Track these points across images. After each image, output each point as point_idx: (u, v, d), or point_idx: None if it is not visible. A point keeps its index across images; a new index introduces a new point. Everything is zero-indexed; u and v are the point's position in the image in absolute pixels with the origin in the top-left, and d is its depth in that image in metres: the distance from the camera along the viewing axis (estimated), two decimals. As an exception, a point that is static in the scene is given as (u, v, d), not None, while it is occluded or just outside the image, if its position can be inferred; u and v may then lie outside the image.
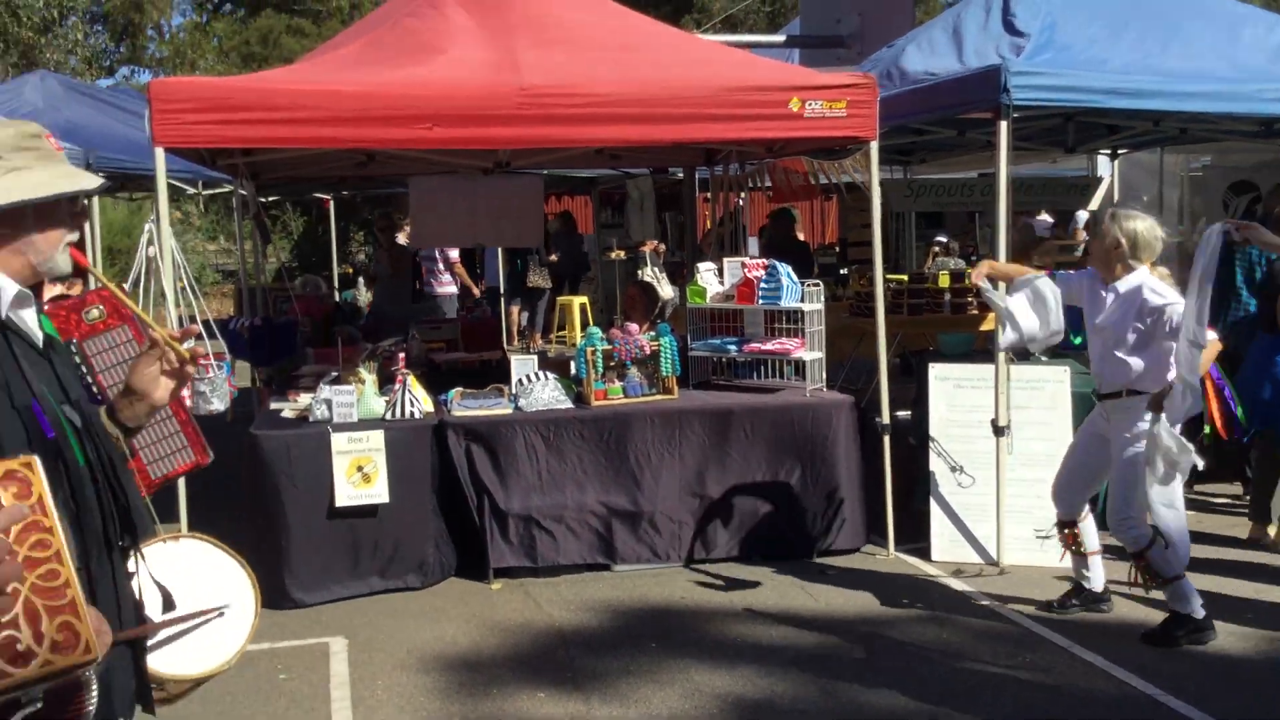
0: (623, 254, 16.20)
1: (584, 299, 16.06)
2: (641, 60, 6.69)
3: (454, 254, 13.92)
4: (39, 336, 2.34)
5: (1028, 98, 6.25)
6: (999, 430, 6.40)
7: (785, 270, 6.95)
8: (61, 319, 3.65)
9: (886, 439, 6.71)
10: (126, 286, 7.52)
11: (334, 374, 6.58)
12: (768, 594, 6.15)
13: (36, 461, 1.55)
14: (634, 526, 6.48)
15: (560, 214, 16.53)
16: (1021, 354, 6.63)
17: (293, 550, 5.99)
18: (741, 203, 10.80)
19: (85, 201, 2.43)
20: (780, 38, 13.97)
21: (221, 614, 2.79)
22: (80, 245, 2.38)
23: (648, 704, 4.83)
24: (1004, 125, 6.24)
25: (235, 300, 13.75)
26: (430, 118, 6.13)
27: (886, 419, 6.73)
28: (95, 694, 1.74)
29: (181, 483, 5.72)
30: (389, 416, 6.27)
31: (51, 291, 4.56)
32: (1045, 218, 13.72)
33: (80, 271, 2.62)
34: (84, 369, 3.96)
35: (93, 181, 2.34)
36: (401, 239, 11.81)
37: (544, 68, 6.37)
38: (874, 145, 6.72)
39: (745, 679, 5.04)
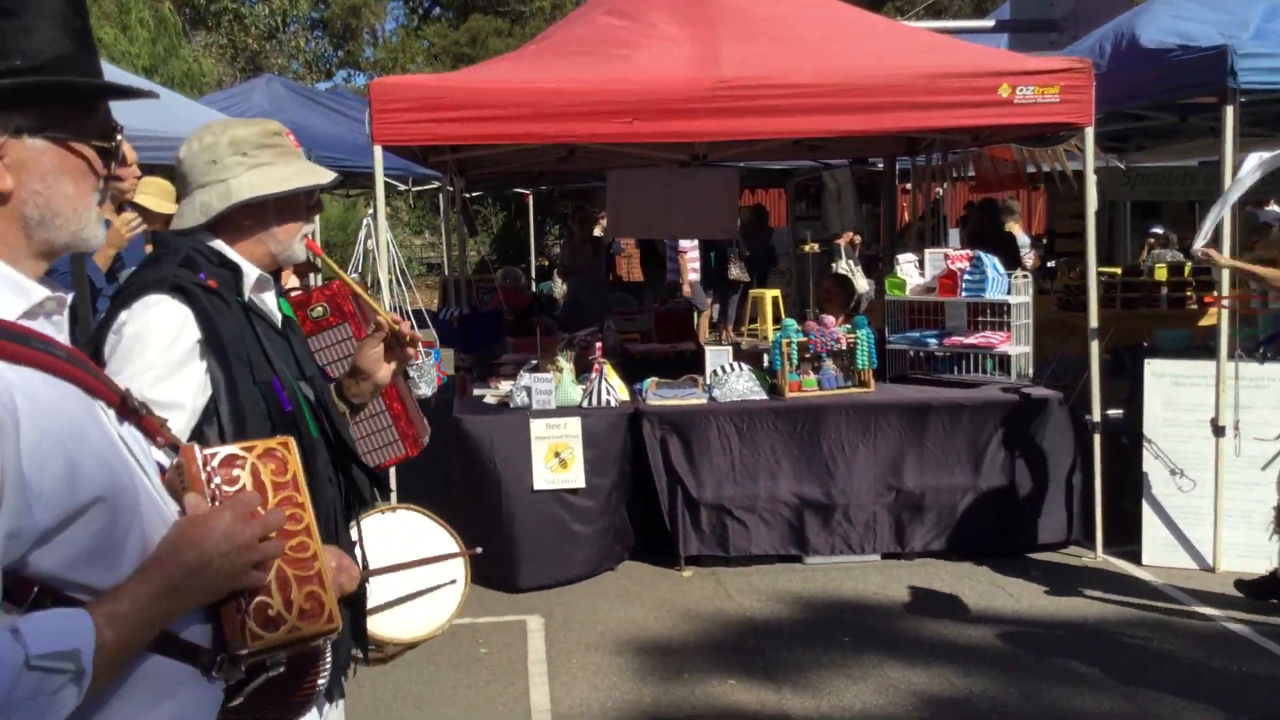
0: (816, 247, 16.04)
1: (776, 292, 15.99)
2: (844, 49, 6.62)
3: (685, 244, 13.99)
4: (278, 317, 2.50)
5: (1257, 81, 5.88)
6: (1219, 430, 6.05)
7: (991, 262, 6.75)
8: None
9: (1097, 437, 6.44)
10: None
11: (533, 362, 6.77)
12: (966, 591, 6.00)
13: (293, 443, 1.66)
14: (826, 518, 6.43)
15: (752, 207, 16.49)
16: (1249, 351, 6.24)
17: (494, 530, 6.20)
18: (942, 193, 10.54)
19: (319, 195, 2.57)
20: (989, 22, 13.55)
21: (454, 581, 2.90)
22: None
23: (840, 697, 4.79)
24: (1230, 110, 5.89)
25: (440, 292, 14.29)
26: (631, 112, 6.23)
27: (1097, 416, 6.45)
28: (329, 663, 1.84)
29: (393, 468, 5.98)
30: (586, 404, 6.41)
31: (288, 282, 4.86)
32: (1275, 207, 12.85)
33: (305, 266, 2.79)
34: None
35: (327, 176, 2.47)
36: (597, 231, 12.03)
37: (744, 60, 6.38)
38: (1089, 131, 6.45)
39: (942, 677, 4.94)
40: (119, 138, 1.50)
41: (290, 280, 4.41)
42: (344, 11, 33.63)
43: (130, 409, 1.59)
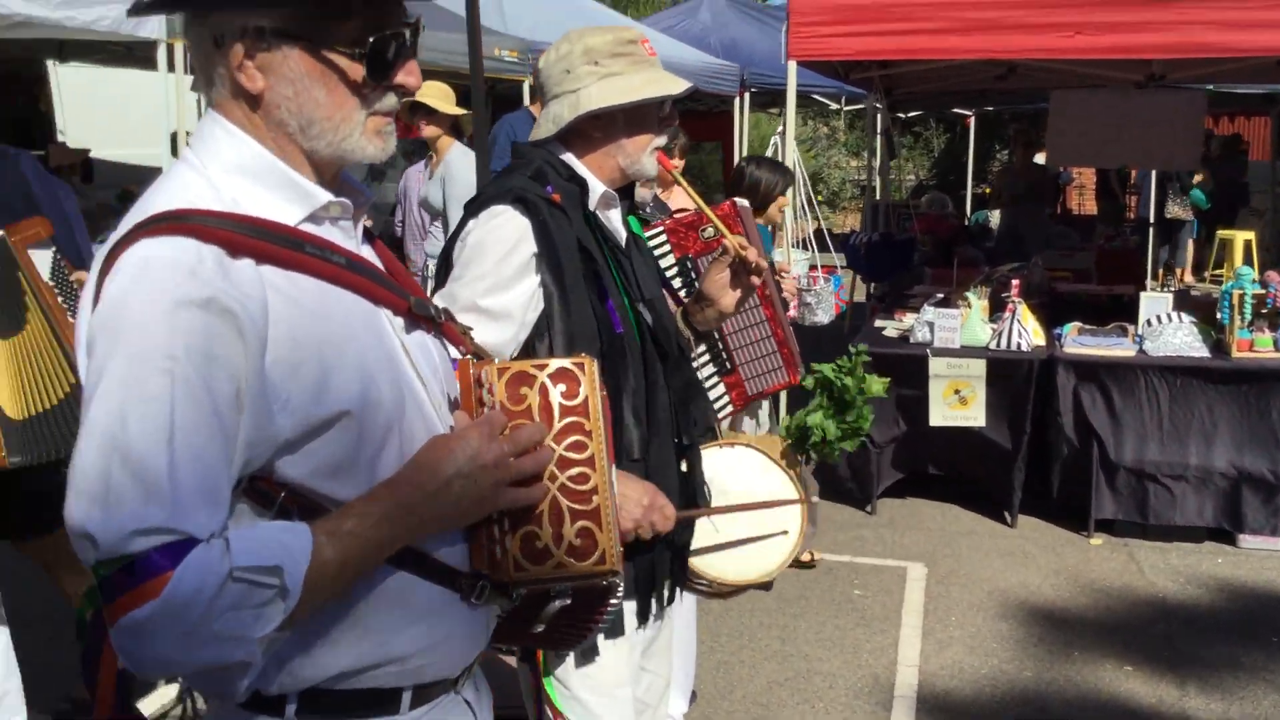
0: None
1: (1249, 234, 14.14)
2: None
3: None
4: (623, 235, 2.43)
5: None
6: None
7: None
8: (680, 235, 3.83)
9: None
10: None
11: (939, 296, 6.37)
12: None
13: (591, 363, 1.52)
14: (1269, 498, 5.60)
15: (1226, 136, 14.63)
16: None
17: (871, 459, 5.98)
18: None
19: (671, 107, 2.44)
20: None
21: (786, 533, 2.75)
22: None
23: (1255, 704, 4.15)
24: None
25: (861, 215, 13.99)
26: (1073, 25, 5.64)
27: None
28: (619, 601, 1.74)
29: (783, 396, 5.89)
30: (993, 345, 5.95)
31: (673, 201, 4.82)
32: None
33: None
34: (697, 284, 4.15)
35: (679, 86, 2.34)
36: (1039, 158, 11.15)
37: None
38: None
39: (1394, 705, 4.15)
40: (391, 42, 1.40)
41: (676, 199, 4.35)
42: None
43: (422, 316, 1.54)
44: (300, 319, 1.35)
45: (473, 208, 2.30)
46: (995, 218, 13.66)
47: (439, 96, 5.58)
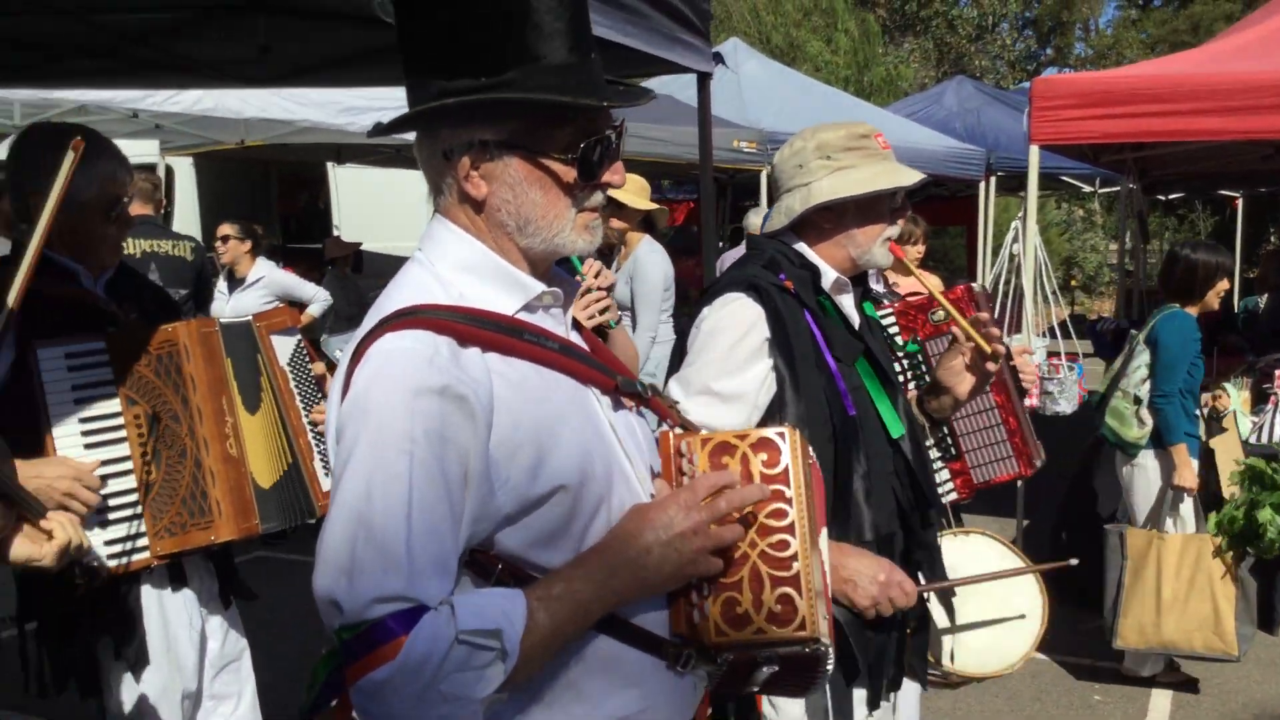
0: None
1: None
2: None
3: None
4: (856, 319, 2.48)
5: None
6: None
7: None
8: (909, 318, 3.84)
9: None
10: (985, 283, 7.68)
11: (1196, 386, 6.03)
12: None
13: (795, 431, 1.56)
14: None
15: None
16: None
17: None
18: None
19: (903, 198, 2.47)
20: None
21: (1024, 616, 2.71)
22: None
23: None
24: None
25: (1116, 300, 13.36)
26: (1339, 101, 5.28)
27: None
28: (829, 669, 1.75)
29: (1020, 485, 5.70)
30: (1253, 440, 5.58)
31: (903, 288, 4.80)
32: None
33: None
34: (924, 367, 4.12)
35: (912, 178, 2.39)
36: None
37: None
38: None
39: None
40: (599, 146, 1.52)
41: (906, 284, 4.35)
42: (1055, 5, 32.65)
43: (629, 394, 1.62)
44: (520, 403, 1.46)
45: (709, 296, 2.40)
46: (1264, 304, 12.77)
47: (633, 191, 5.41)
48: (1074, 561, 2.72)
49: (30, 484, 2.16)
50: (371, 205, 11.68)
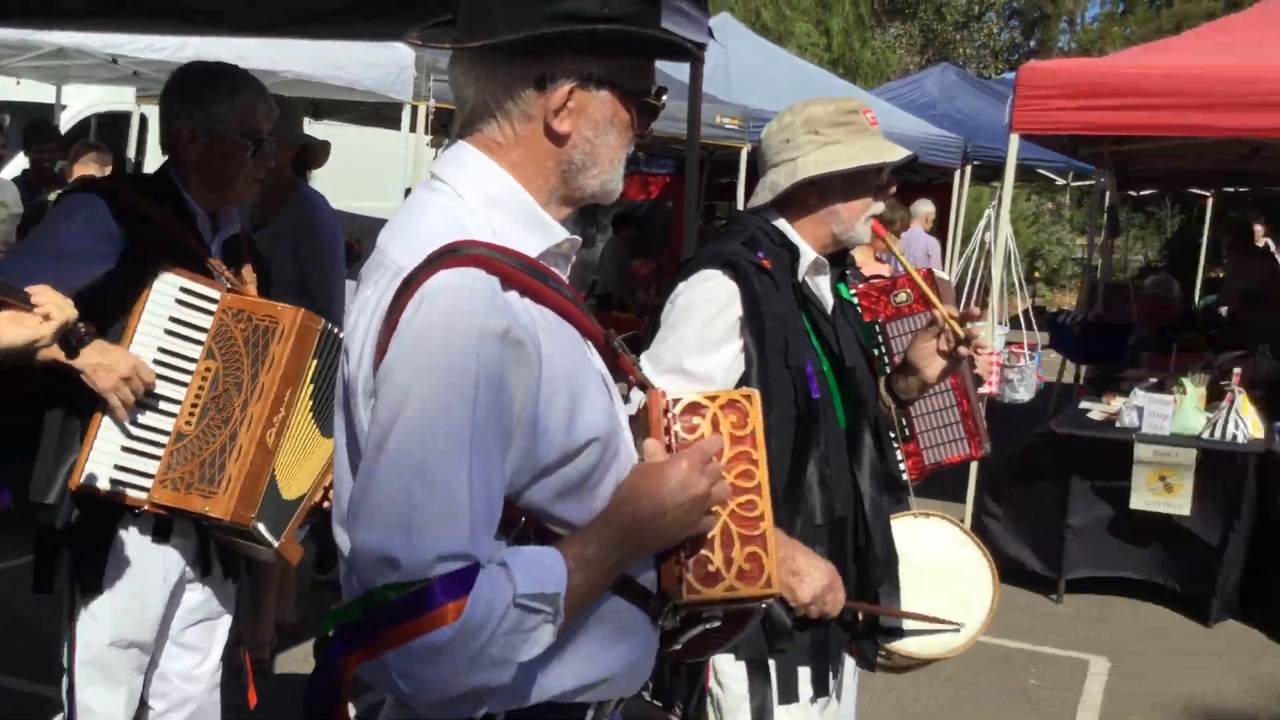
0: None
1: None
2: None
3: None
4: (830, 302, 2.49)
5: None
6: None
7: None
8: (871, 299, 3.89)
9: None
10: (954, 271, 7.78)
11: (1152, 381, 6.16)
12: None
13: (757, 396, 1.61)
14: None
15: None
16: None
17: (1070, 545, 5.82)
18: None
19: (889, 175, 2.46)
20: None
21: (958, 629, 2.68)
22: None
23: None
24: None
25: (1080, 294, 13.53)
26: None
27: None
28: (754, 624, 1.80)
29: (973, 467, 5.80)
30: (1206, 435, 5.71)
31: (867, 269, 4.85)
32: None
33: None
34: (883, 349, 4.18)
35: (898, 154, 2.39)
36: (1260, 242, 10.55)
37: None
38: None
39: None
40: (664, 98, 1.52)
41: (870, 266, 4.41)
42: (1042, -1, 32.69)
43: (609, 348, 1.59)
44: (553, 351, 1.40)
45: (685, 270, 2.39)
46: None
47: None
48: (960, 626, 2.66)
49: (94, 356, 2.32)
50: (342, 164, 11.61)
